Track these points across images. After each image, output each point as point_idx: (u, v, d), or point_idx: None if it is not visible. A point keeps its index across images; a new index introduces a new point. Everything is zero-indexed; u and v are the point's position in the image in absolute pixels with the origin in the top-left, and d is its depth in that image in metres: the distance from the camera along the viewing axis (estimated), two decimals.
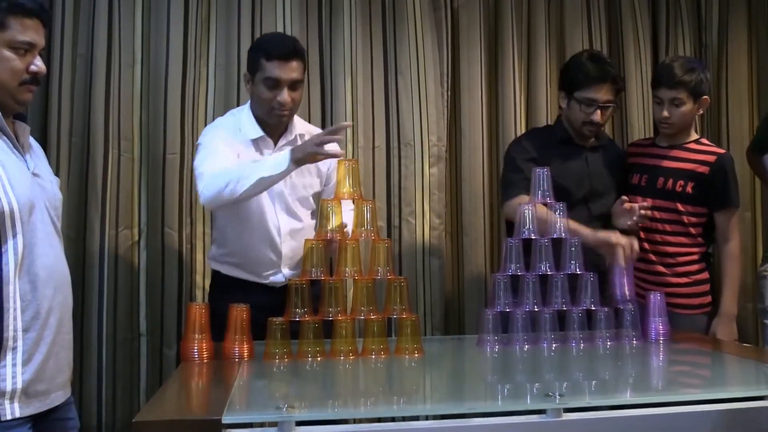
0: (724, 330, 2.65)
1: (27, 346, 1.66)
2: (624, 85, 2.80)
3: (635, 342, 2.31)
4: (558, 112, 2.84)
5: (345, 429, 1.53)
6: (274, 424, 1.46)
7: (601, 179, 2.72)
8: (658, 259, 2.69)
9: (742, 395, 1.69)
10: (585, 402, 1.65)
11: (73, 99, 2.91)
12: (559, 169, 2.58)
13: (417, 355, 2.14)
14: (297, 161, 2.18)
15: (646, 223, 2.65)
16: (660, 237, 2.69)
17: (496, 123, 3.37)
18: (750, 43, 3.60)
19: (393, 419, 1.71)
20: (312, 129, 2.63)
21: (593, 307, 2.30)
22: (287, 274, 2.49)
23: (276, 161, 2.21)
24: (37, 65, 1.73)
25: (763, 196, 3.52)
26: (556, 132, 2.76)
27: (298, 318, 2.10)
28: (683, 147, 2.73)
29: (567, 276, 2.30)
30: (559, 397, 1.59)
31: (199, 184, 2.31)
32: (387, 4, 3.25)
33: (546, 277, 2.30)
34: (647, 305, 2.37)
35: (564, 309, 2.29)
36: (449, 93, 3.29)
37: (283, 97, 2.38)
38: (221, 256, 2.56)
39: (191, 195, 3.02)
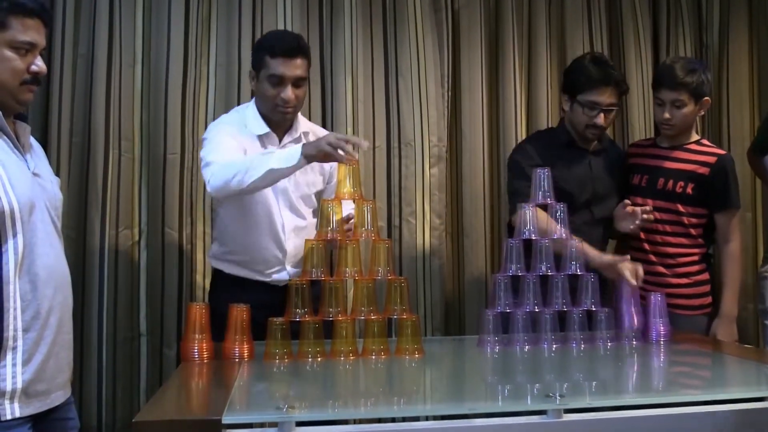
0: (724, 331, 2.65)
1: (27, 345, 1.66)
2: (627, 88, 2.79)
3: (635, 343, 2.32)
4: (560, 114, 2.83)
5: (345, 429, 1.52)
6: (274, 424, 1.45)
7: (604, 183, 2.71)
8: (658, 260, 2.68)
9: (742, 396, 1.69)
10: (585, 403, 1.65)
11: (74, 99, 2.91)
12: (563, 174, 2.58)
13: (417, 356, 2.13)
14: (308, 157, 2.15)
15: (646, 224, 2.65)
16: (660, 238, 2.69)
17: (496, 124, 3.37)
18: (751, 44, 3.60)
19: (393, 420, 1.70)
20: (316, 128, 2.64)
21: (594, 308, 2.30)
22: (291, 272, 2.48)
23: (287, 154, 2.19)
24: (38, 65, 1.73)
25: (764, 196, 3.51)
26: (559, 135, 2.74)
27: (298, 318, 2.09)
28: (684, 148, 2.72)
29: (567, 277, 2.30)
30: (560, 398, 1.59)
31: (207, 173, 2.29)
32: (388, 4, 3.24)
33: (546, 278, 2.30)
34: (648, 306, 2.37)
35: (564, 310, 2.29)
36: (450, 94, 3.29)
37: (287, 94, 2.38)
38: (223, 254, 2.55)
39: (191, 195, 3.02)
